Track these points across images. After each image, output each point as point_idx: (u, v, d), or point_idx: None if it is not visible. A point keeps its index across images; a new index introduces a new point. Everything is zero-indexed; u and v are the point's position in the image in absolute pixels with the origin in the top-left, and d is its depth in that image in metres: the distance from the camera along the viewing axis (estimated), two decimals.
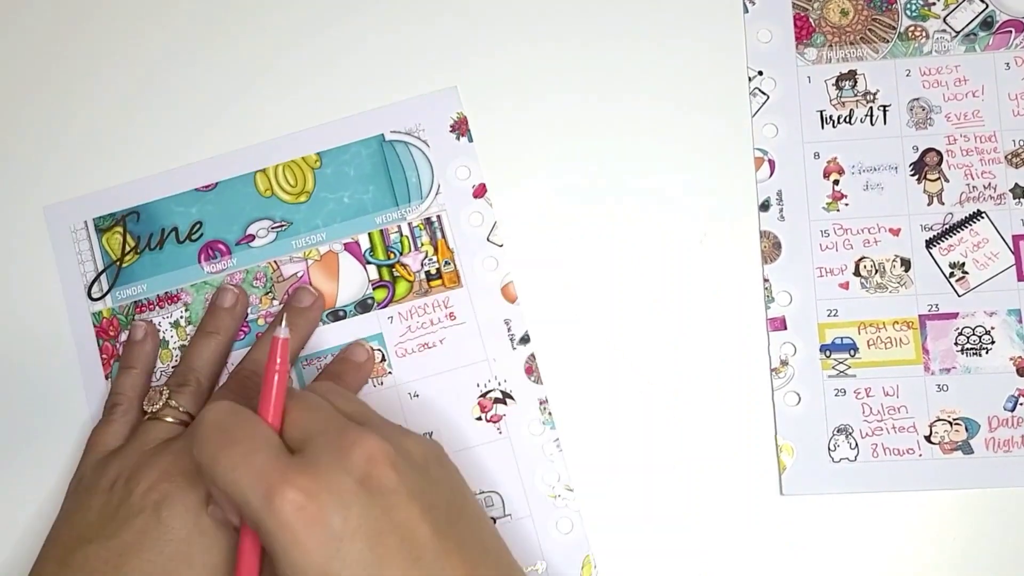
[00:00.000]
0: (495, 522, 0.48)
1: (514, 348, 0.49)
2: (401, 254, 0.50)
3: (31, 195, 0.52)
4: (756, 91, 0.50)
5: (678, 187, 0.50)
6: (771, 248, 0.49)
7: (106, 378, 0.50)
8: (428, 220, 0.50)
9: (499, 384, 0.49)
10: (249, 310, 0.50)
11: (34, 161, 0.52)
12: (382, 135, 0.51)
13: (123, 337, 0.50)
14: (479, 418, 0.49)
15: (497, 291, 0.50)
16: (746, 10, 0.51)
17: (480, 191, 0.50)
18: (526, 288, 0.50)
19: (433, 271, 0.50)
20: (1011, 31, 0.50)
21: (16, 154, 0.52)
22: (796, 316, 0.49)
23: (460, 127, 0.51)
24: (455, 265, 0.50)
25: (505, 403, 0.49)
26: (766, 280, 0.49)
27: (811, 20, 0.50)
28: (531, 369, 0.49)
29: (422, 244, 0.50)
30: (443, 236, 0.50)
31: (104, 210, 0.51)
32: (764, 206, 0.50)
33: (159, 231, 0.51)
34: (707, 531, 0.48)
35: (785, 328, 0.49)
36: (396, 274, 0.50)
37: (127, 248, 0.51)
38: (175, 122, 0.52)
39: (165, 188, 0.51)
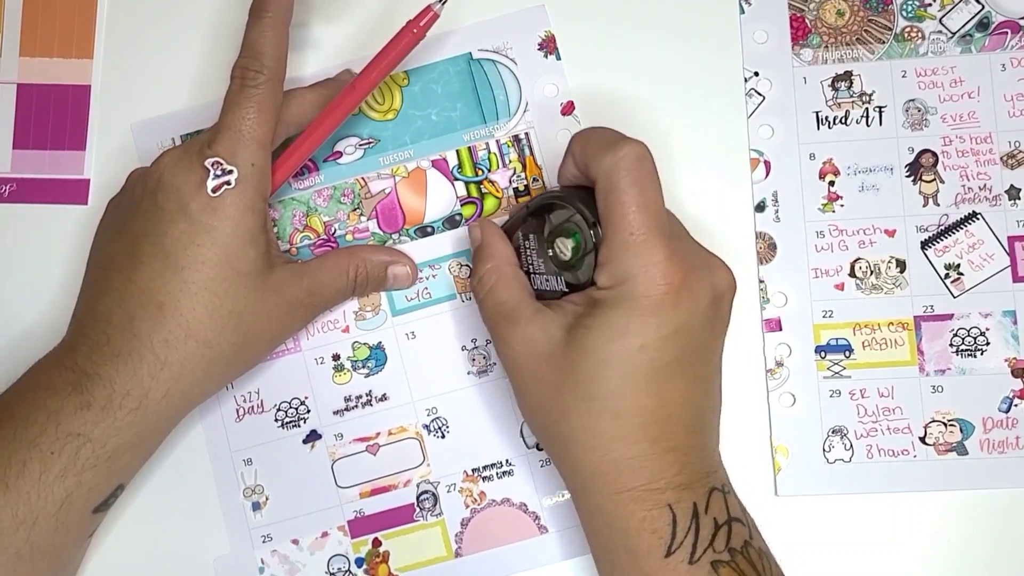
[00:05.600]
0: None
1: None
2: (489, 171, 0.50)
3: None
4: (752, 92, 0.50)
5: (674, 187, 0.50)
6: (766, 249, 0.49)
7: None
8: (516, 137, 0.50)
9: None
10: (337, 226, 0.50)
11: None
12: (469, 53, 0.51)
13: None
14: None
15: None
16: (742, 11, 0.51)
17: (568, 108, 0.50)
18: None
19: (521, 187, 0.50)
20: (1007, 32, 0.50)
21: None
22: (791, 317, 0.49)
23: (548, 45, 0.51)
24: (543, 182, 0.50)
25: None
26: (761, 281, 0.49)
27: (807, 21, 0.50)
28: None
29: (510, 161, 0.50)
30: (531, 153, 0.50)
31: (192, 127, 0.51)
32: (760, 207, 0.50)
33: None
34: None
35: (780, 329, 0.49)
36: (484, 190, 0.50)
37: None
38: None
39: None
